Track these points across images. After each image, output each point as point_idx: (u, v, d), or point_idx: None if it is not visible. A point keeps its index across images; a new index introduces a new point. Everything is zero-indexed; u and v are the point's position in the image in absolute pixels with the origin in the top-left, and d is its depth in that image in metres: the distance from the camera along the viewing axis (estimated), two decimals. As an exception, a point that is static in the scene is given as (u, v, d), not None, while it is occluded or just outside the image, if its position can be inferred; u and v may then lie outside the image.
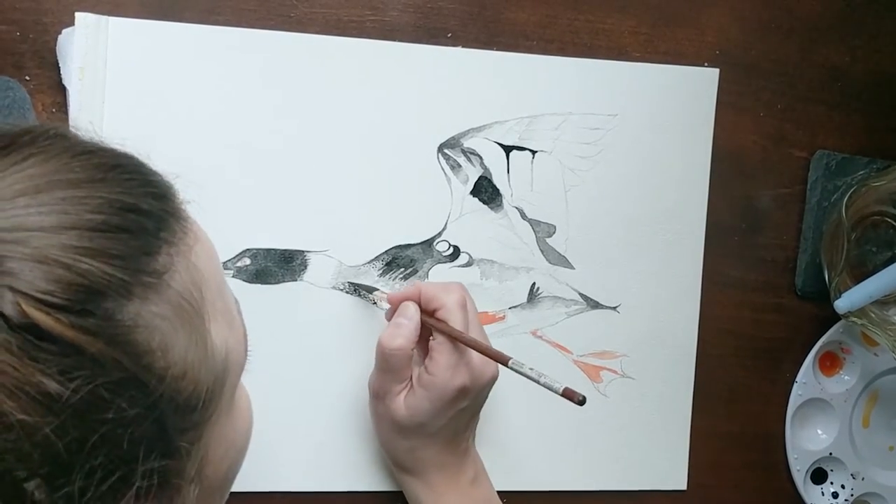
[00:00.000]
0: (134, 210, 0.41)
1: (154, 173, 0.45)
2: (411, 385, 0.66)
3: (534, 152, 0.74)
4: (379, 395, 0.66)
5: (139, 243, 0.40)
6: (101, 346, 0.37)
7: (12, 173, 0.40)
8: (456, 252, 0.72)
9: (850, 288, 0.76)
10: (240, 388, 0.48)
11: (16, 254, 0.37)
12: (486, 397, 0.68)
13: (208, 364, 0.42)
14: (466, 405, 0.65)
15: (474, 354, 0.65)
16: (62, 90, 0.65)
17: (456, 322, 0.65)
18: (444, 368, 0.64)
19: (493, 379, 0.66)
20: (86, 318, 0.37)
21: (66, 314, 0.36)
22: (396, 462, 0.69)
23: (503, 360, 0.63)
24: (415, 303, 0.66)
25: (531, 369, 0.62)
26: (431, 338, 0.66)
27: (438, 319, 0.65)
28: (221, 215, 0.67)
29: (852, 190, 0.77)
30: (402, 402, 0.65)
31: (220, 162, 0.68)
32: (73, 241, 0.38)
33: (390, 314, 0.68)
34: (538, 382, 0.61)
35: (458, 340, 0.64)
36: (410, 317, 0.66)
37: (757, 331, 0.79)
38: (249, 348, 0.48)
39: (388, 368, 0.65)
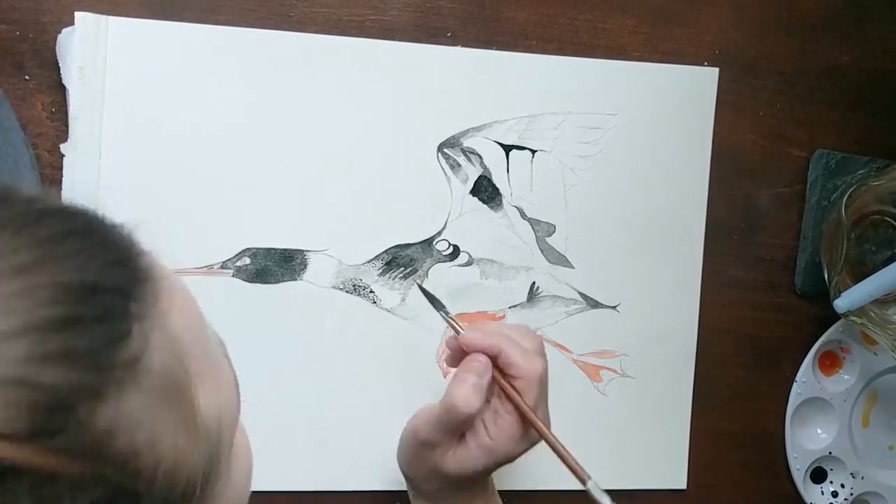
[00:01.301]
0: (94, 290, 0.34)
1: (111, 230, 0.38)
2: (464, 440, 0.62)
3: (533, 152, 0.74)
4: (429, 445, 0.62)
5: (105, 331, 0.34)
6: (80, 466, 0.32)
7: None
8: (456, 251, 0.72)
9: (849, 287, 0.76)
10: (237, 433, 0.44)
11: None
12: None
13: (201, 443, 0.38)
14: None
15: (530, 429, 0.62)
16: (62, 90, 0.65)
17: (531, 398, 0.61)
18: (509, 439, 0.61)
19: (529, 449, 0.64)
20: (55, 438, 0.31)
21: (31, 441, 0.31)
22: (416, 490, 0.66)
23: (582, 480, 0.60)
24: (489, 360, 0.62)
25: (611, 501, 0.59)
26: (500, 398, 0.62)
27: (513, 388, 0.61)
28: (221, 215, 0.68)
29: (852, 189, 0.77)
30: (453, 457, 0.62)
31: (220, 161, 0.68)
32: (26, 349, 0.32)
33: (455, 357, 0.64)
34: None
35: (547, 440, 0.61)
36: (484, 375, 0.61)
37: (756, 330, 0.79)
38: (250, 349, 0.46)
39: (452, 426, 0.61)
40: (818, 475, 0.82)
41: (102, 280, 0.35)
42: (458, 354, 0.64)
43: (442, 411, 0.61)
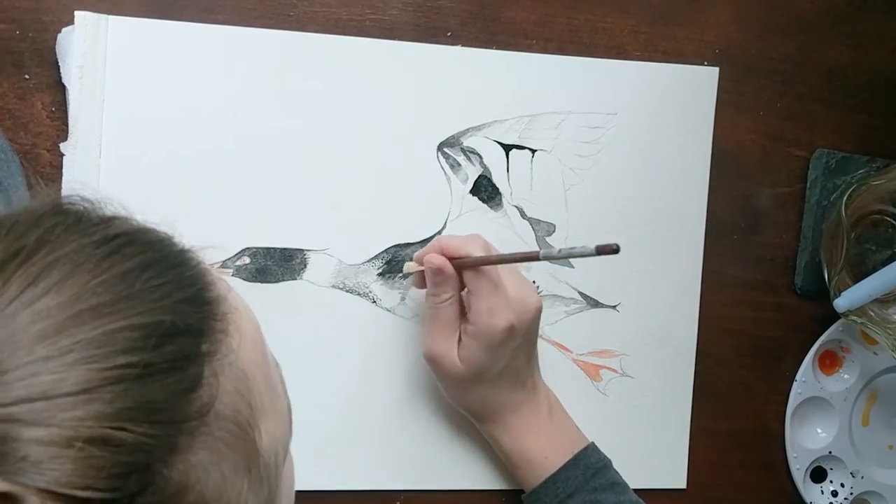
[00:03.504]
0: (171, 333, 0.33)
1: (184, 259, 0.37)
2: (460, 340, 0.66)
3: (533, 151, 0.74)
4: (436, 358, 0.66)
5: (180, 378, 0.33)
6: None
7: (26, 304, 0.32)
8: (456, 251, 0.72)
9: (849, 287, 0.77)
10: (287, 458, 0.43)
11: (36, 437, 0.29)
12: (537, 329, 0.68)
13: (263, 485, 0.37)
14: (519, 342, 0.66)
15: (511, 292, 0.65)
16: (62, 89, 0.65)
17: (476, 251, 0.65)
18: (485, 313, 0.64)
19: (538, 310, 0.67)
20: (134, 501, 0.31)
21: None
22: (472, 414, 0.70)
23: (534, 257, 0.65)
24: (439, 255, 0.66)
25: (559, 251, 0.64)
26: (465, 291, 0.66)
27: (464, 258, 0.65)
28: (221, 214, 0.68)
29: (852, 189, 0.77)
30: (458, 357, 0.66)
31: (220, 160, 0.68)
32: (104, 405, 0.31)
33: (419, 279, 0.68)
34: (573, 256, 0.61)
35: (487, 263, 0.65)
36: (440, 272, 0.65)
37: (756, 329, 0.79)
38: None
39: (441, 323, 0.65)
40: (818, 475, 0.82)
41: (177, 321, 0.34)
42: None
43: (427, 319, 0.66)
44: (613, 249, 0.57)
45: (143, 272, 0.34)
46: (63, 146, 0.65)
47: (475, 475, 0.73)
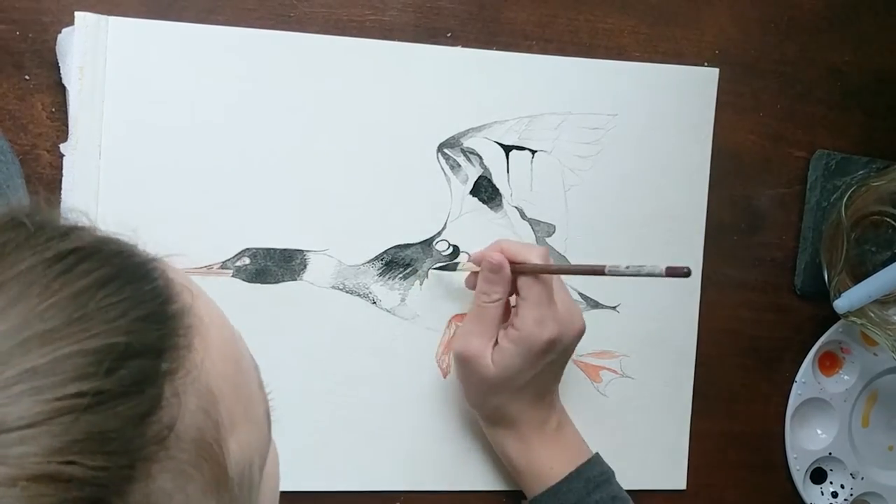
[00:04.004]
0: (127, 355, 0.31)
1: (145, 270, 0.35)
2: (497, 343, 0.66)
3: (533, 152, 0.74)
4: (467, 357, 0.67)
5: (136, 404, 0.31)
6: None
7: None
8: (455, 251, 0.72)
9: (849, 288, 0.76)
10: (269, 457, 0.42)
11: None
12: (573, 350, 0.69)
13: (233, 496, 0.35)
14: (554, 358, 0.67)
15: (561, 308, 0.66)
16: (62, 90, 0.65)
17: (536, 259, 0.66)
18: (533, 323, 0.65)
19: (581, 332, 0.68)
20: None
21: None
22: (485, 417, 0.70)
23: (599, 271, 0.65)
24: (500, 257, 0.67)
25: (627, 267, 0.63)
26: (517, 297, 0.67)
27: (523, 263, 0.66)
28: (221, 215, 0.68)
29: (852, 190, 0.77)
30: (491, 360, 0.66)
31: (220, 161, 0.68)
32: (53, 439, 0.29)
33: (472, 279, 0.69)
34: (641, 275, 0.62)
35: (549, 271, 0.66)
36: (499, 269, 0.66)
37: (756, 331, 0.79)
38: (250, 349, 0.45)
39: (483, 322, 0.66)
40: (818, 476, 0.82)
41: (133, 341, 0.32)
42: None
43: (468, 317, 0.68)
44: (684, 273, 0.58)
45: (98, 290, 0.32)
46: (63, 147, 0.65)
47: (475, 475, 0.73)
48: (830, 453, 0.81)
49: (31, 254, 0.32)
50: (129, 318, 0.32)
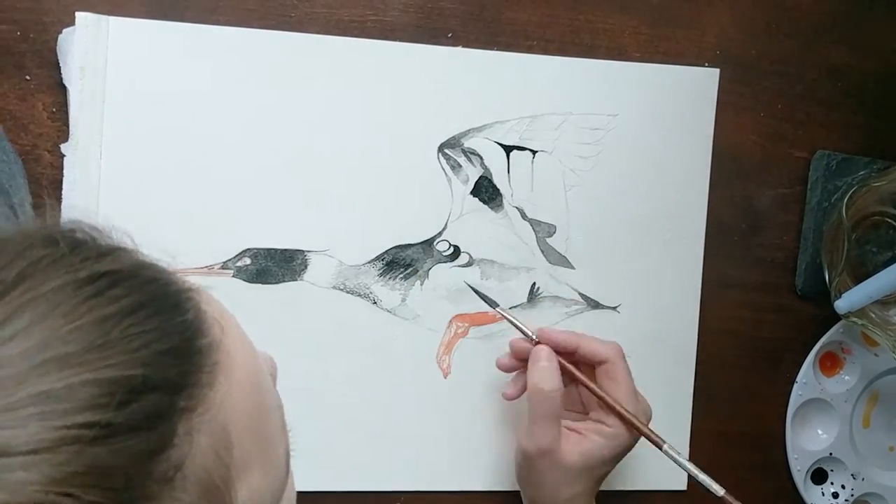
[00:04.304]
0: (142, 389, 0.30)
1: (180, 299, 0.34)
2: (581, 434, 0.67)
3: (534, 152, 0.74)
4: (543, 451, 0.65)
5: (144, 441, 0.30)
6: None
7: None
8: (456, 252, 0.72)
9: (850, 288, 0.76)
10: (286, 490, 0.41)
11: None
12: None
13: None
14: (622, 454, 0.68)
15: (641, 400, 0.68)
16: (62, 90, 0.65)
17: (622, 378, 0.67)
18: (628, 426, 0.67)
19: (650, 416, 0.70)
20: None
21: None
22: (536, 498, 0.69)
23: (657, 444, 0.67)
24: (549, 348, 0.67)
25: (688, 461, 0.67)
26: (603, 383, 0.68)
27: (578, 371, 0.68)
28: (221, 215, 0.68)
29: (852, 190, 0.77)
30: (576, 450, 0.66)
31: (220, 161, 0.68)
32: (52, 468, 0.28)
33: (505, 363, 0.70)
34: (696, 478, 0.65)
35: (622, 416, 0.67)
36: (549, 359, 0.66)
37: (757, 331, 0.79)
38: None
39: (548, 413, 0.65)
40: (819, 476, 0.82)
41: (152, 374, 0.31)
42: (516, 357, 0.69)
43: (530, 406, 0.66)
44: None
45: (125, 318, 0.31)
46: (64, 147, 0.65)
47: (475, 475, 0.73)
48: (831, 454, 0.81)
49: (64, 272, 0.32)
50: (151, 349, 0.31)
